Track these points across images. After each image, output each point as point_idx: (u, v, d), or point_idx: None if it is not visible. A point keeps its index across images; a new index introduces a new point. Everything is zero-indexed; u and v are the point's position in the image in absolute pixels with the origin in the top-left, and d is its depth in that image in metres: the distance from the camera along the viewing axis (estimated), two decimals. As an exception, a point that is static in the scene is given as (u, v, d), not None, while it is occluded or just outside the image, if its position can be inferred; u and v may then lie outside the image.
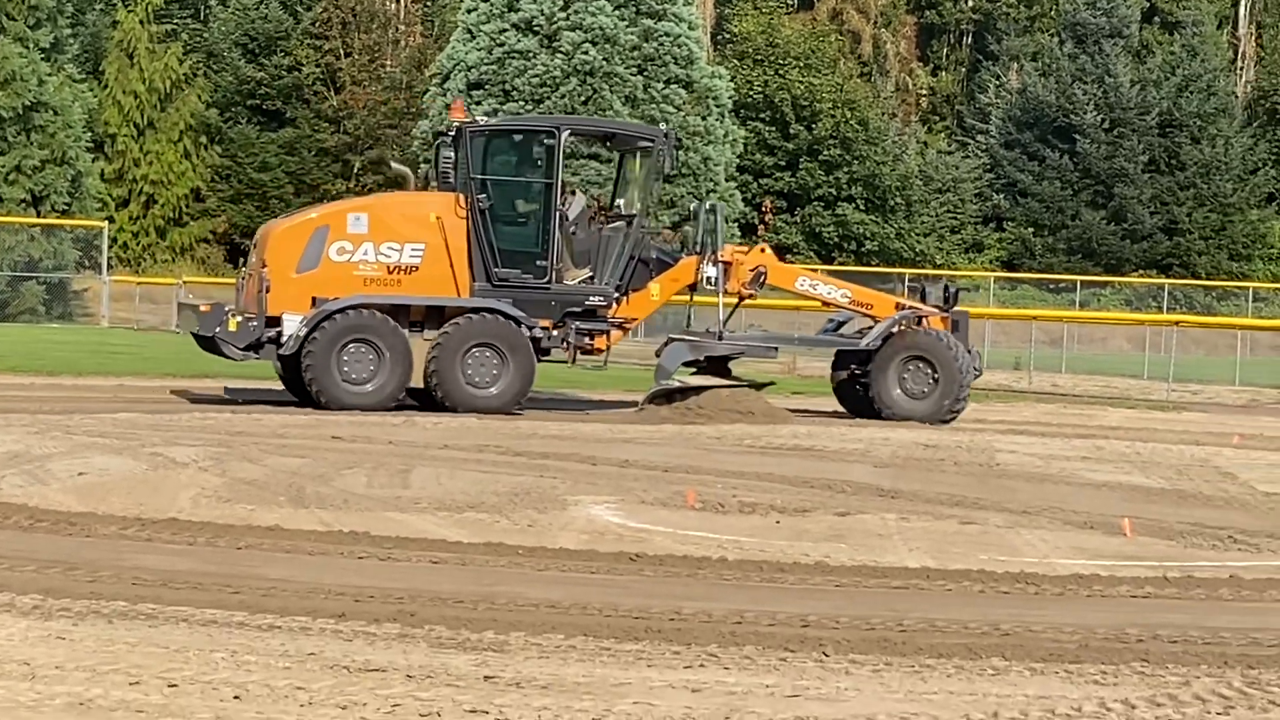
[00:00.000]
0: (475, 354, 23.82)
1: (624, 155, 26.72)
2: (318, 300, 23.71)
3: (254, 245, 25.35)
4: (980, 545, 13.27)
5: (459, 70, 59.99)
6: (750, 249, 26.15)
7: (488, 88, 59.23)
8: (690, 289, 25.45)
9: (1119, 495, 16.80)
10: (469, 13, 61.14)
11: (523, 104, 58.43)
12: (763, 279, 25.21)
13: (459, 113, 25.19)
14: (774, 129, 71.70)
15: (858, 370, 25.18)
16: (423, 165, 61.13)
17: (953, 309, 25.51)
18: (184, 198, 71.43)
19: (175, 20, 76.30)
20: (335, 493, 15.04)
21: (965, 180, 77.27)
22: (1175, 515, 15.28)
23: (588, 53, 58.68)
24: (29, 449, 17.30)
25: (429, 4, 78.43)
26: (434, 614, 9.75)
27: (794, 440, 21.28)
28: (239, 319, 23.94)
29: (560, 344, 24.61)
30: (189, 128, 71.48)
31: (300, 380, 23.95)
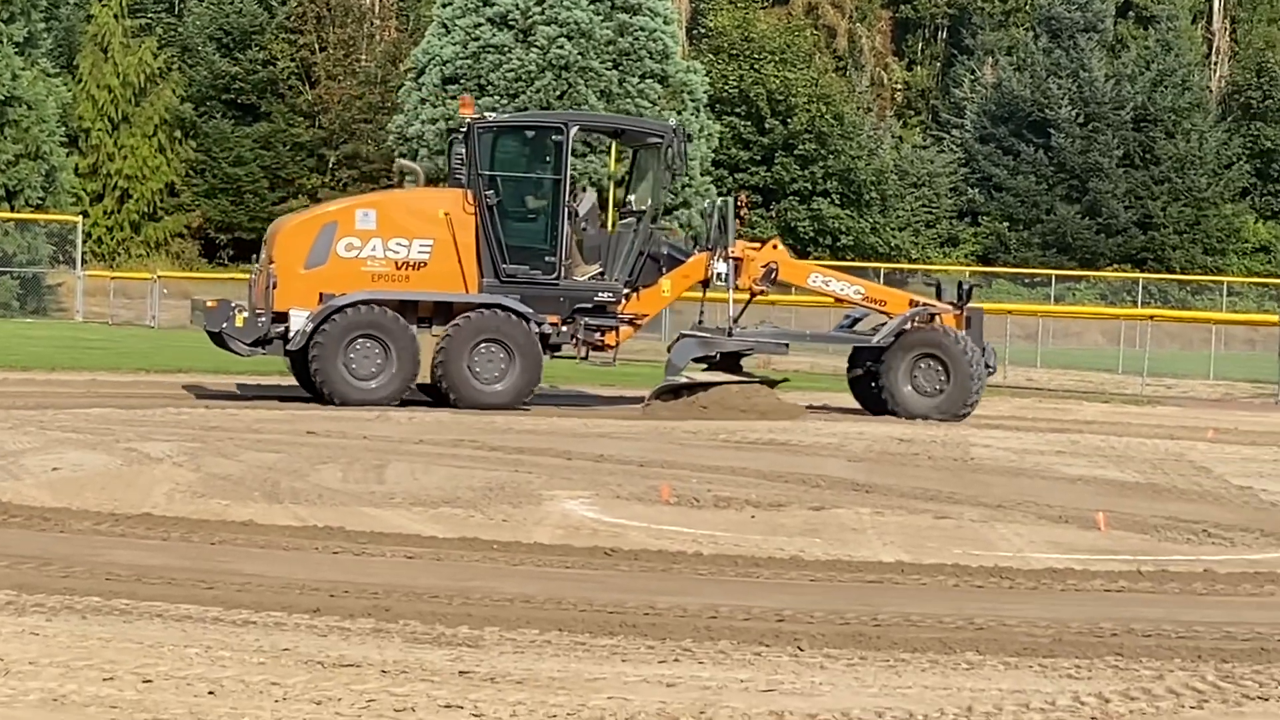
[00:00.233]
0: (482, 350, 23.83)
1: (636, 151, 26.68)
2: (325, 296, 23.75)
3: (265, 242, 25.42)
4: (955, 539, 13.28)
5: (434, 65, 59.95)
6: (762, 245, 26.03)
7: (463, 82, 59.17)
8: (703, 285, 25.40)
9: (1093, 489, 16.83)
10: (444, 7, 61.09)
11: (497, 99, 58.36)
12: (774, 275, 25.08)
13: (468, 109, 25.19)
14: (749, 123, 71.74)
15: (873, 367, 25.10)
16: (398, 159, 61.20)
17: (966, 306, 25.36)
18: (158, 192, 71.31)
19: (149, 14, 76.19)
20: (310, 488, 15.02)
21: (940, 175, 77.39)
22: (1149, 509, 15.31)
23: (563, 47, 58.65)
24: (2, 444, 17.26)
25: (404, -2, 78.42)
26: (409, 609, 9.74)
27: (769, 435, 21.28)
28: (246, 314, 24.04)
29: (569, 340, 24.61)
30: (163, 122, 71.36)
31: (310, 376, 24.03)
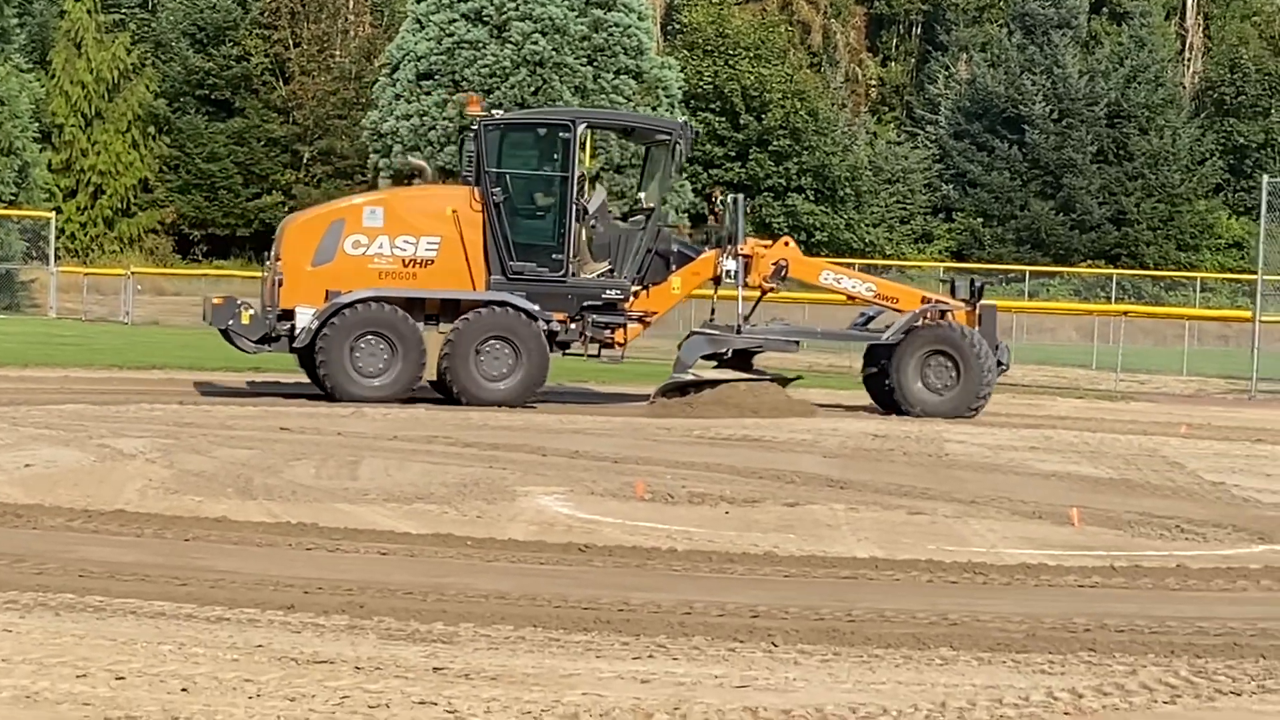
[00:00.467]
0: (489, 347, 23.83)
1: (648, 149, 26.62)
2: (331, 294, 23.76)
3: (274, 239, 25.44)
4: (929, 535, 13.30)
5: (408, 60, 59.87)
6: (774, 243, 25.94)
7: (437, 78, 59.11)
8: (714, 283, 25.36)
9: (1067, 485, 16.86)
10: (418, 3, 61.02)
11: (472, 94, 58.29)
12: (784, 272, 25.01)
13: (475, 107, 25.17)
14: (724, 119, 71.74)
15: (886, 365, 24.95)
16: (372, 155, 61.16)
17: (979, 303, 25.27)
18: (132, 188, 71.18)
19: (123, 10, 76.00)
20: (284, 484, 15.00)
21: (914, 171, 77.48)
22: (1123, 505, 15.35)
23: (537, 43, 58.62)
24: (-25, 441, 17.22)
25: (378, -6, 78.30)
26: (383, 605, 9.73)
27: (743, 431, 21.29)
28: (252, 312, 24.06)
29: (578, 337, 24.60)
30: (137, 118, 71.22)
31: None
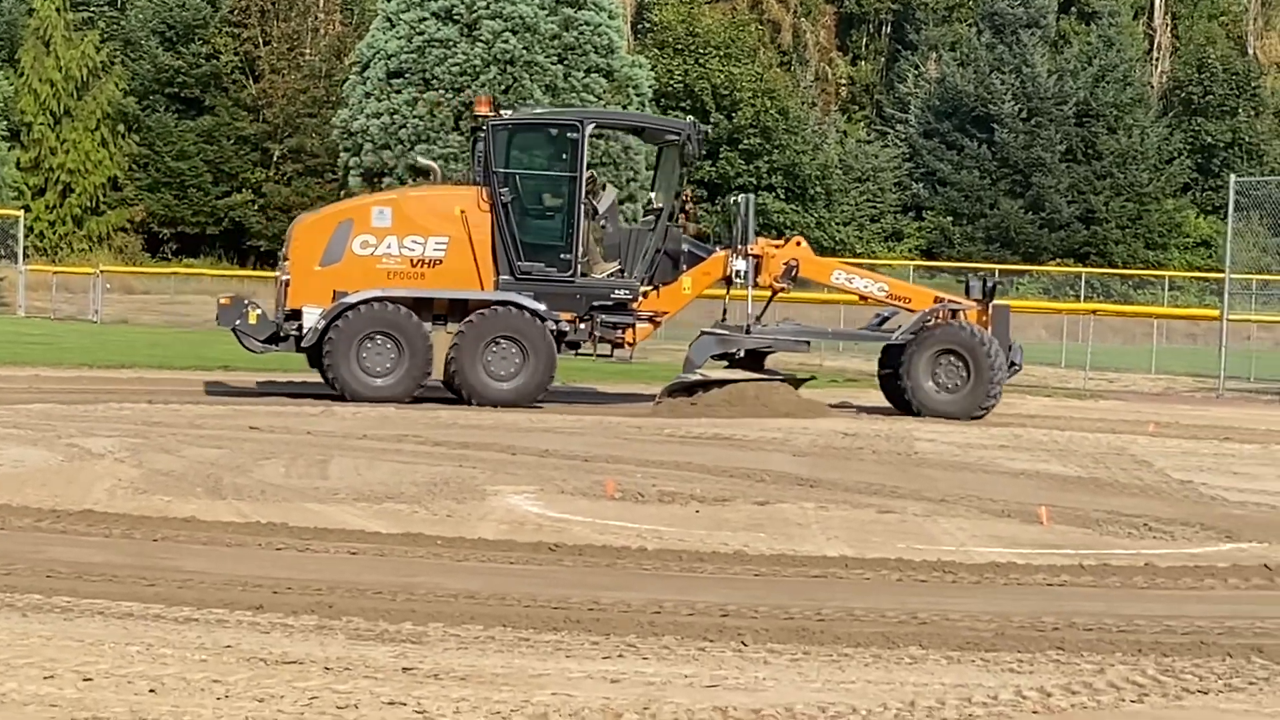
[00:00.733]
0: (496, 347, 23.86)
1: (661, 149, 26.58)
2: (338, 294, 23.81)
3: (284, 240, 25.45)
4: (898, 534, 13.32)
5: (379, 59, 59.74)
6: (785, 242, 25.91)
7: (407, 76, 59.02)
8: (726, 283, 25.32)
9: (1036, 484, 16.90)
10: (388, 1, 60.89)
11: (443, 93, 58.26)
12: (794, 272, 24.94)
13: (484, 107, 25.16)
14: (694, 118, 71.67)
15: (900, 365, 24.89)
16: (342, 153, 61.04)
17: (991, 303, 25.17)
18: (101, 186, 70.98)
19: (92, 8, 75.77)
20: (253, 483, 14.97)
21: (884, 169, 77.57)
22: (1092, 503, 15.38)
23: (508, 41, 58.55)
24: (-57, 440, 17.17)
25: (348, -8, 78.17)
26: (352, 605, 9.72)
27: (714, 429, 21.30)
28: (259, 312, 24.11)
29: (587, 337, 24.60)
30: (106, 116, 71.02)
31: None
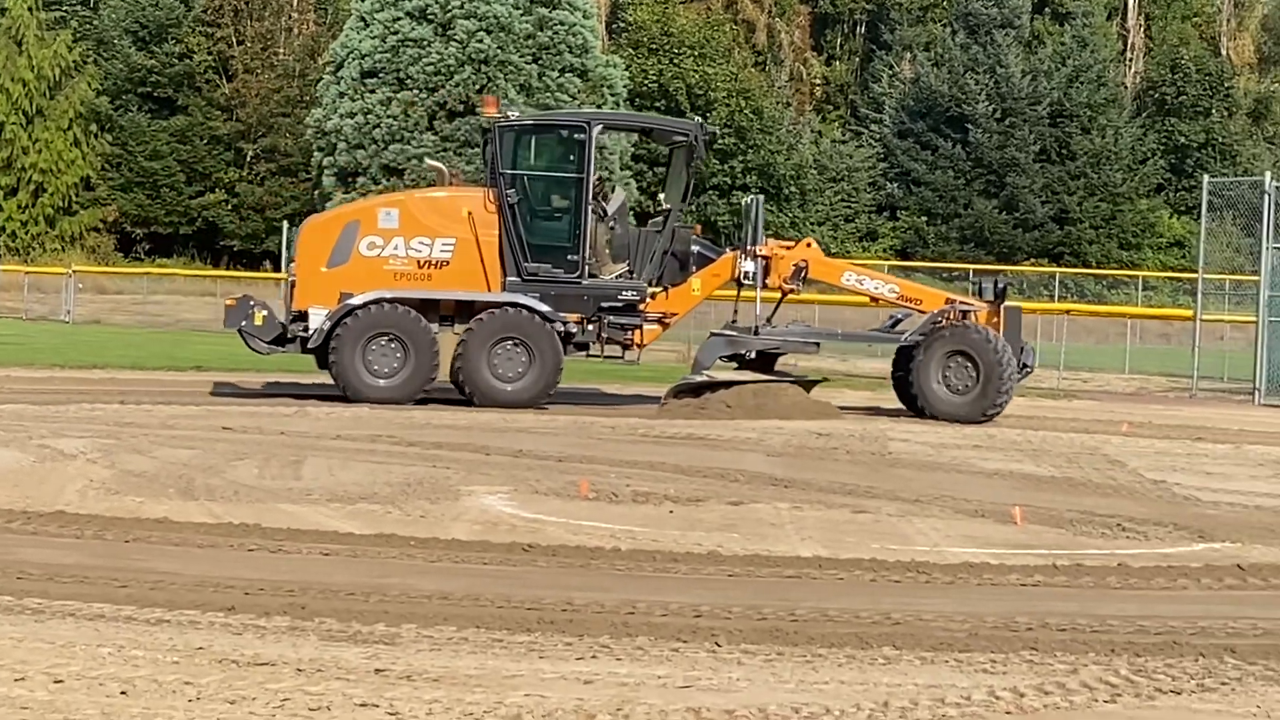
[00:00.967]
0: (502, 348, 23.84)
1: (672, 151, 26.53)
2: (345, 295, 23.82)
3: (293, 242, 25.40)
4: (872, 534, 13.32)
5: (352, 59, 59.71)
6: (795, 244, 25.84)
7: (381, 76, 58.97)
8: (736, 284, 25.26)
9: (1010, 483, 16.91)
10: (362, 1, 60.84)
11: (417, 92, 58.20)
12: (804, 274, 24.87)
13: (492, 108, 25.11)
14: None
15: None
16: (316, 153, 60.99)
17: (1003, 304, 24.97)
18: (74, 186, 70.85)
19: (64, 7, 75.64)
20: (225, 484, 14.94)
21: (859, 169, 77.69)
22: (1065, 503, 15.40)
23: (482, 41, 58.54)
24: (-86, 441, 17.10)
25: (322, -9, 78.07)
26: (325, 606, 9.69)
27: (687, 430, 21.29)
28: (265, 313, 24.13)
29: (595, 339, 24.55)
30: (79, 116, 70.89)
31: None
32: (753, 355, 24.56)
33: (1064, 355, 36.73)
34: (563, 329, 24.04)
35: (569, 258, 24.40)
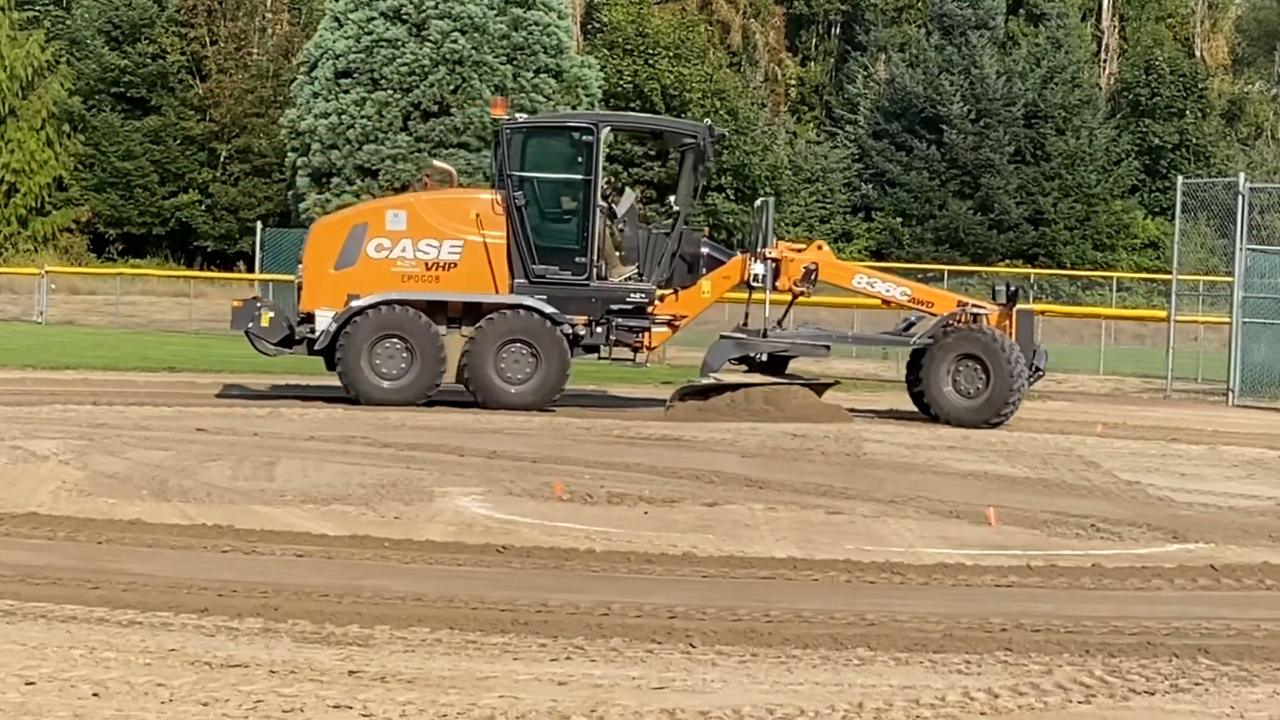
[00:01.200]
0: (509, 350, 23.76)
1: (684, 153, 26.45)
2: (352, 297, 23.77)
3: (304, 244, 25.35)
4: (847, 535, 13.33)
5: (326, 59, 59.57)
6: (806, 246, 25.76)
7: (356, 76, 58.86)
8: (748, 287, 25.16)
9: (984, 484, 16.93)
10: (336, 0, 60.73)
11: (391, 92, 58.14)
12: (814, 276, 24.75)
13: (500, 110, 25.04)
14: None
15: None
16: (290, 153, 60.83)
17: (1014, 308, 24.82)
18: (46, 186, 70.60)
19: (37, 7, 75.37)
20: (199, 486, 14.90)
21: (834, 170, 77.70)
22: (1039, 504, 15.42)
23: (456, 41, 58.44)
24: (-115, 442, 17.04)
25: (296, -9, 77.91)
26: (298, 608, 9.67)
27: (662, 431, 21.29)
28: (271, 314, 24.09)
29: (603, 341, 24.48)
30: (51, 116, 70.65)
31: None
32: (764, 358, 24.54)
33: (1038, 356, 36.71)
34: (570, 331, 23.97)
35: (577, 260, 24.33)
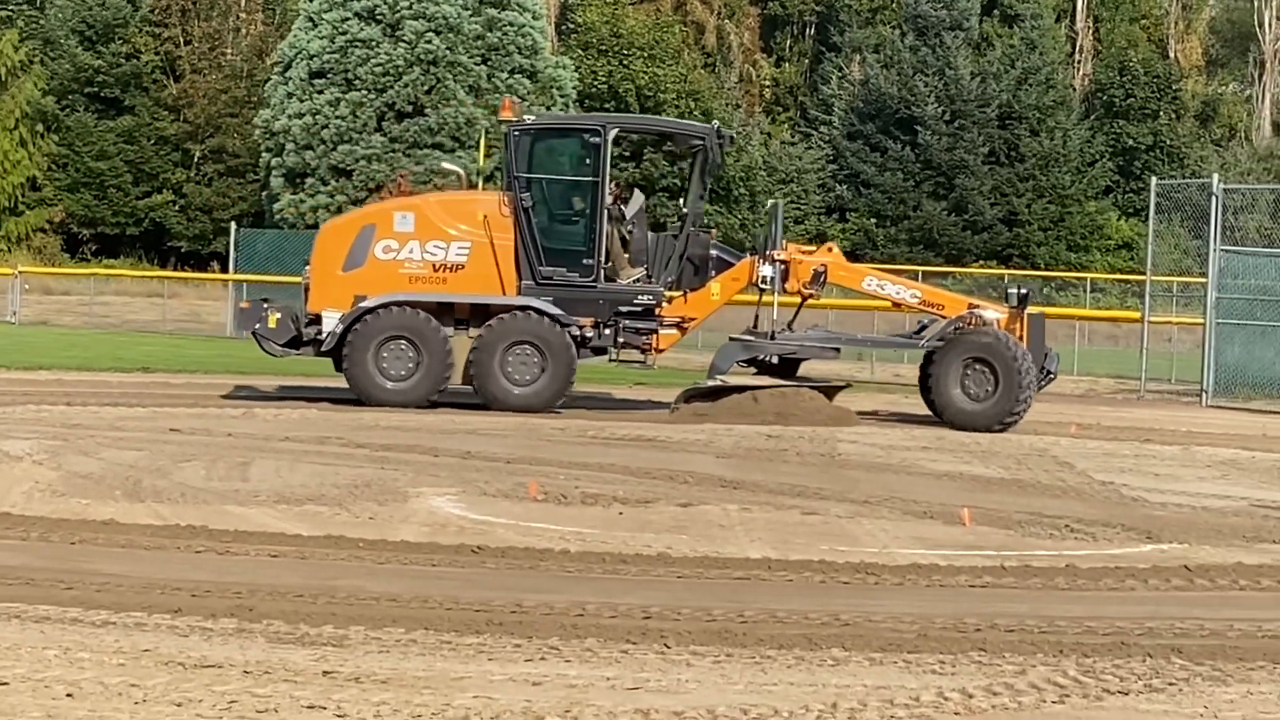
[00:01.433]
0: (515, 352, 23.68)
1: (695, 155, 26.36)
2: (359, 298, 23.74)
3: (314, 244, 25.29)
4: (821, 535, 13.34)
5: (301, 59, 59.51)
6: (817, 248, 25.67)
7: (330, 76, 58.81)
8: (759, 289, 25.09)
9: (959, 485, 16.95)
10: (310, 0, 60.66)
11: (365, 93, 58.08)
12: (823, 278, 24.66)
13: (508, 111, 25.02)
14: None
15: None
16: (264, 154, 60.76)
17: (1025, 311, 24.59)
18: (19, 187, 70.44)
19: (10, 7, 75.18)
20: (173, 486, 14.87)
21: (809, 171, 77.76)
22: (1014, 504, 15.45)
23: (431, 42, 58.41)
24: None
25: (270, -9, 77.80)
26: (272, 608, 9.66)
27: (637, 431, 21.29)
28: (278, 316, 24.03)
29: (611, 343, 24.41)
30: (25, 116, 70.48)
31: None
32: (774, 360, 24.52)
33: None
34: (577, 333, 23.92)
35: (584, 261, 24.28)
